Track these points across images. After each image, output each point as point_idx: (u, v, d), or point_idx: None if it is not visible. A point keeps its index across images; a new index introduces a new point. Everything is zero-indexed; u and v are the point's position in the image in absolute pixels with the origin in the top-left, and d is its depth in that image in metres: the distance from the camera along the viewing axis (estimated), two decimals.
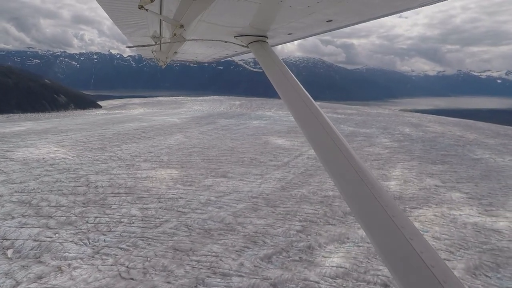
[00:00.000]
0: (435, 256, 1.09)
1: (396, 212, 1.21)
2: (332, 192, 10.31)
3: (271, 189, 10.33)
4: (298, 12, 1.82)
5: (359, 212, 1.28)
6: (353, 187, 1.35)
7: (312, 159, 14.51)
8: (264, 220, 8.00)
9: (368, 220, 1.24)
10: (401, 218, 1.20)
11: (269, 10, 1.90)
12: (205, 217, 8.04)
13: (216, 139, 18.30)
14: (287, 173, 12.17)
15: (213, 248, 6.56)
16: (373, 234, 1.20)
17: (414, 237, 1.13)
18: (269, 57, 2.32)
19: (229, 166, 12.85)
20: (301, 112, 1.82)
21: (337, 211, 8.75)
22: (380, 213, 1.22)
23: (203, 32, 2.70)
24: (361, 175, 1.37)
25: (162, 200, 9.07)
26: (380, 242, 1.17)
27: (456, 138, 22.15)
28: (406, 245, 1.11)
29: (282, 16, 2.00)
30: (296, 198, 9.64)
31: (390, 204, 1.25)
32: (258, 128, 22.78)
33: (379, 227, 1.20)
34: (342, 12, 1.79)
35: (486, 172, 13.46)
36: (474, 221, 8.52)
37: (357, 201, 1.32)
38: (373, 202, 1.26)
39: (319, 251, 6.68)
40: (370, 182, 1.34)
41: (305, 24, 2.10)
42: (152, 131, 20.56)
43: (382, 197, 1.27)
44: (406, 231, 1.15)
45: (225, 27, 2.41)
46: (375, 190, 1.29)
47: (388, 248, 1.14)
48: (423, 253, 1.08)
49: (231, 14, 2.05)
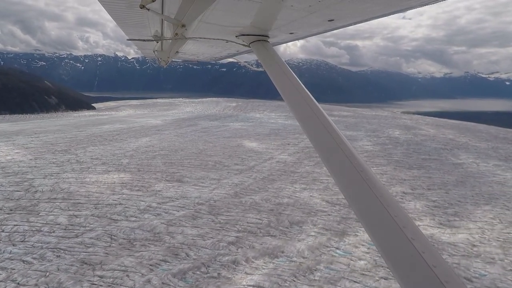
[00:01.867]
0: (437, 256, 1.08)
1: (397, 212, 1.21)
2: (287, 199, 9.69)
3: (222, 195, 9.74)
4: (300, 11, 1.83)
5: (361, 211, 1.29)
6: (355, 187, 1.36)
7: (281, 163, 13.90)
8: (198, 230, 7.41)
9: (369, 219, 1.25)
10: (403, 217, 1.20)
11: (270, 9, 1.91)
12: (135, 226, 7.48)
13: (189, 141, 17.78)
14: (248, 178, 11.57)
15: (125, 262, 5.98)
16: (374, 234, 1.21)
17: (416, 237, 1.13)
18: (270, 56, 2.30)
19: (189, 170, 12.30)
20: (303, 111, 1.81)
21: (284, 221, 8.13)
22: (381, 213, 1.22)
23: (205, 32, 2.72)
24: (362, 174, 1.37)
25: (99, 206, 8.54)
26: (382, 242, 1.17)
27: (446, 142, 21.33)
28: (407, 245, 1.11)
29: (283, 15, 2.00)
30: (245, 206, 9.04)
31: (391, 204, 1.25)
32: (238, 130, 22.22)
33: (381, 227, 1.20)
34: (343, 11, 1.80)
35: (463, 178, 12.70)
36: (431, 232, 7.82)
37: (359, 200, 1.32)
38: (374, 202, 1.26)
39: (243, 267, 6.06)
40: (372, 182, 1.34)
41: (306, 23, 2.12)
42: (128, 133, 20.13)
43: (383, 196, 1.28)
44: (407, 231, 1.15)
45: (227, 26, 2.43)
46: (376, 190, 1.29)
47: (390, 248, 1.15)
48: (424, 253, 1.08)
49: (232, 13, 2.06)
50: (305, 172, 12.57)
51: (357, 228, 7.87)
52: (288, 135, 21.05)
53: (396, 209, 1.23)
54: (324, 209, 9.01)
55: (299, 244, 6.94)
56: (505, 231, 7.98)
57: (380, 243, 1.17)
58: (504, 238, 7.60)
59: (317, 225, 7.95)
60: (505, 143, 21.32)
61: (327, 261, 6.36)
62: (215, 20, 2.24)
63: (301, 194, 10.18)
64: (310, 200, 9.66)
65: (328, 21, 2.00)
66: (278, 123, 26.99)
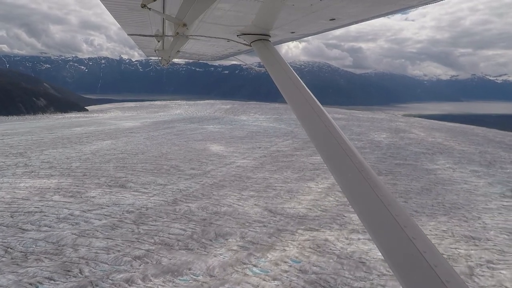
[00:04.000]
0: (438, 256, 1.08)
1: (398, 211, 1.21)
2: (226, 207, 9.02)
3: (159, 203, 9.11)
4: (301, 11, 1.85)
5: (362, 211, 1.29)
6: (356, 186, 1.36)
7: (241, 168, 13.24)
8: (108, 242, 6.77)
9: (371, 219, 1.25)
10: (404, 217, 1.20)
11: (272, 8, 1.93)
12: (41, 237, 6.88)
13: (156, 144, 17.22)
14: (196, 184, 10.93)
15: (1, 280, 5.37)
16: (376, 234, 1.21)
17: (417, 237, 1.13)
18: (271, 55, 2.28)
19: (139, 174, 11.70)
20: (303, 109, 1.81)
21: (210, 232, 7.46)
22: (383, 213, 1.22)
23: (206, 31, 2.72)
24: (364, 174, 1.37)
25: (16, 214, 7.97)
26: (383, 241, 1.17)
27: (431, 146, 20.52)
28: (409, 245, 1.11)
29: (285, 15, 2.01)
30: (177, 214, 8.39)
31: (393, 204, 1.25)
32: (213, 133, 21.61)
33: (382, 226, 1.20)
34: (344, 10, 1.82)
35: (431, 185, 11.92)
36: (369, 248, 7.09)
37: (360, 200, 1.33)
38: (376, 202, 1.26)
39: (135, 287, 5.41)
40: (373, 182, 1.33)
41: (308, 22, 2.13)
42: (98, 135, 19.64)
43: (384, 196, 1.28)
44: (409, 231, 1.14)
45: (228, 25, 2.43)
46: (378, 190, 1.30)
47: (391, 247, 1.15)
48: (426, 252, 1.07)
49: (233, 12, 2.06)
50: (262, 178, 11.89)
51: (288, 242, 7.18)
52: (264, 138, 20.40)
53: (397, 208, 1.23)
54: (262, 220, 8.32)
55: (213, 260, 6.26)
56: (453, 246, 7.22)
57: (381, 243, 1.18)
58: (448, 254, 6.85)
59: (245, 238, 7.26)
60: (497, 147, 20.37)
61: (234, 281, 5.68)
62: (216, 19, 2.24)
63: (245, 202, 9.51)
64: (251, 209, 8.98)
65: (330, 20, 2.01)
66: (261, 126, 26.34)
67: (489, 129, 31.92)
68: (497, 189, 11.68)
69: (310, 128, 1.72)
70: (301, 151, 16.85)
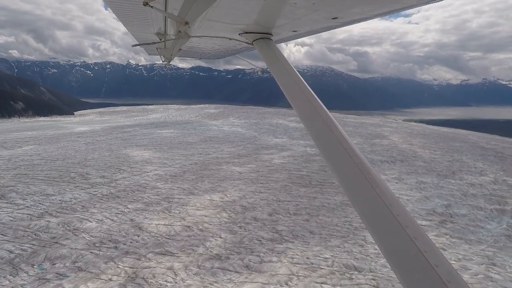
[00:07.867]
0: (439, 256, 1.07)
1: (400, 211, 1.20)
2: (91, 223, 7.99)
3: (21, 217, 8.15)
4: (303, 9, 1.86)
5: (363, 210, 1.28)
6: (358, 186, 1.35)
7: (156, 176, 12.22)
8: None
9: (372, 219, 1.24)
10: (406, 217, 1.19)
11: (274, 7, 1.94)
12: None
13: (89, 150, 16.35)
14: (87, 194, 9.95)
15: None
16: (377, 233, 1.19)
17: (418, 237, 1.11)
18: (273, 54, 2.29)
19: (32, 183, 10.79)
20: (305, 108, 1.81)
21: (40, 255, 6.43)
22: (384, 212, 1.21)
23: (208, 29, 2.72)
24: (365, 174, 1.35)
25: None
26: (384, 241, 1.16)
27: (396, 154, 19.14)
28: (410, 245, 1.10)
29: (287, 13, 2.02)
30: (25, 231, 7.40)
31: (394, 203, 1.23)
32: (162, 138, 20.68)
33: (383, 225, 1.19)
34: (346, 9, 1.85)
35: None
36: (230, 277, 5.97)
37: (361, 199, 1.31)
38: (377, 201, 1.25)
39: None
40: (375, 181, 1.32)
41: (310, 21, 2.14)
42: (38, 139, 18.91)
43: (386, 196, 1.26)
44: (410, 231, 1.13)
45: (230, 24, 2.45)
46: (379, 189, 1.28)
47: (392, 247, 1.14)
48: (427, 252, 1.07)
49: (235, 11, 2.08)
50: (168, 189, 10.84)
51: (119, 269, 6.11)
52: (214, 144, 19.37)
53: (399, 208, 1.22)
54: (120, 239, 7.27)
55: None
56: (318, 280, 6.03)
57: (382, 242, 1.16)
58: None
59: (76, 263, 6.21)
60: (479, 155, 18.47)
61: None
62: (218, 17, 2.24)
63: (122, 217, 8.46)
64: (119, 226, 7.93)
65: (332, 19, 2.02)
66: (226, 131, 25.29)
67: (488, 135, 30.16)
68: (429, 205, 10.41)
69: (311, 126, 1.72)
70: (241, 158, 15.76)
